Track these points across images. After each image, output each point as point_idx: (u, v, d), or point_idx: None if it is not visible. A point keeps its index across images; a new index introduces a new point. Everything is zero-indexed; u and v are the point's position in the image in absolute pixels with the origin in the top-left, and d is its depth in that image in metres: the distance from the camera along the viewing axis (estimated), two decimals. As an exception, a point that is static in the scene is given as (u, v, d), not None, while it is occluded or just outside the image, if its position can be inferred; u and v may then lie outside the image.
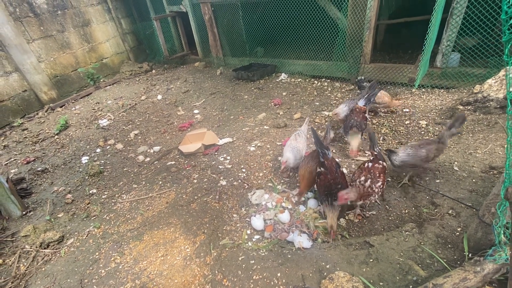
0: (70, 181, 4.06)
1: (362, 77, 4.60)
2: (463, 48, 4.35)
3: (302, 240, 2.46)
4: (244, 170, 3.68)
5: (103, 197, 3.63)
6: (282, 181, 3.38)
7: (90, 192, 3.75)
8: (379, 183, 2.44)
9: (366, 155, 3.53)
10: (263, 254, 2.41)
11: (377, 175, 2.46)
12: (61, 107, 6.82)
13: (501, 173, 2.47)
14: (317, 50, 6.04)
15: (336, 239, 2.52)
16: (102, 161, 4.44)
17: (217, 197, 3.24)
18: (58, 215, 3.42)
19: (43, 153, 4.93)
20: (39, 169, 4.40)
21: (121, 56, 8.87)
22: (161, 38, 7.97)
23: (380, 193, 2.51)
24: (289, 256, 2.33)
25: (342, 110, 3.88)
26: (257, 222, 2.76)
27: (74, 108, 6.64)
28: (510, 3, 0.95)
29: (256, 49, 7.58)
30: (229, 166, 3.79)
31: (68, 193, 3.81)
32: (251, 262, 2.33)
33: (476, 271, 1.77)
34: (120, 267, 2.53)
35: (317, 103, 5.11)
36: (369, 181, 2.43)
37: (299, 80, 6.26)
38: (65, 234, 3.08)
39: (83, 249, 2.84)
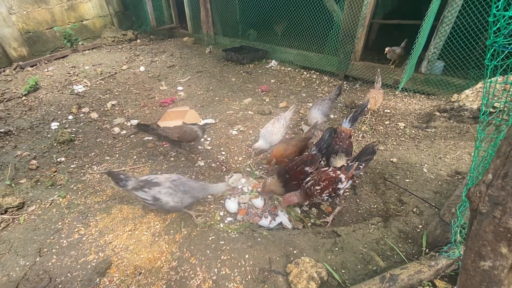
0: (36, 147, 3.80)
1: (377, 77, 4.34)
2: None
3: (285, 220, 2.61)
4: (223, 153, 3.64)
5: (72, 166, 3.44)
6: (261, 167, 3.38)
7: (58, 160, 3.54)
8: (318, 187, 2.38)
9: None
10: (234, 236, 2.42)
11: (322, 179, 2.40)
12: (31, 66, 6.28)
13: (465, 178, 2.63)
14: (310, 40, 5.98)
15: (306, 226, 2.59)
16: (74, 129, 4.18)
17: (193, 177, 3.19)
18: (20, 181, 3.20)
19: (8, 114, 4.55)
20: (1, 130, 4.06)
21: (103, 19, 8.26)
22: (150, 6, 7.51)
23: (321, 199, 2.43)
24: (259, 239, 2.36)
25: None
26: (231, 204, 2.75)
27: (46, 70, 6.14)
28: (499, 6, 0.95)
29: (249, 32, 7.38)
30: (209, 148, 3.73)
31: (33, 158, 3.57)
32: (220, 242, 2.34)
33: (431, 265, 1.89)
34: (84, 238, 2.44)
35: (304, 94, 5.11)
36: (310, 182, 2.44)
37: (288, 69, 6.20)
38: (26, 201, 2.90)
39: (45, 217, 2.69)
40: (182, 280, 2.06)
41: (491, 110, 1.38)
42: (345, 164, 2.50)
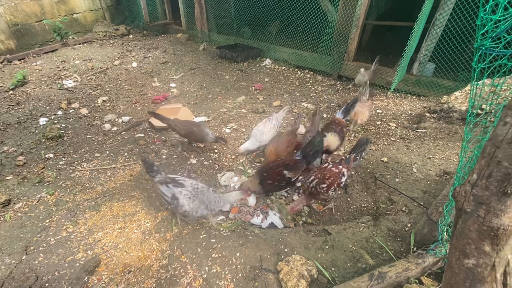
0: (24, 143, 3.70)
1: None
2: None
3: (276, 220, 2.62)
4: (216, 151, 3.62)
5: (61, 163, 3.37)
6: (254, 165, 3.38)
7: (46, 156, 3.46)
8: (324, 185, 2.41)
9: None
10: (225, 234, 2.42)
11: (327, 177, 2.43)
12: (19, 60, 6.11)
13: (452, 178, 2.69)
14: (304, 40, 6.00)
15: (297, 225, 2.61)
16: (63, 125, 4.10)
17: (185, 174, 3.17)
18: (6, 177, 3.12)
19: (-6, 108, 4.42)
20: (-13, 125, 3.95)
21: (95, 13, 8.09)
22: (143, 1, 7.40)
23: (327, 195, 2.47)
24: (251, 237, 2.37)
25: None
26: (223, 203, 2.75)
27: (35, 64, 5.98)
28: (487, 10, 0.97)
29: (244, 29, 7.34)
30: (201, 145, 3.71)
31: (20, 154, 3.48)
32: (212, 240, 2.33)
33: (418, 262, 1.93)
34: (72, 236, 2.39)
35: (298, 94, 5.12)
36: (315, 181, 2.45)
37: (283, 68, 6.21)
38: (12, 198, 2.82)
39: (32, 215, 2.63)
40: (172, 279, 2.05)
41: (479, 111, 1.41)
42: (344, 158, 2.61)
